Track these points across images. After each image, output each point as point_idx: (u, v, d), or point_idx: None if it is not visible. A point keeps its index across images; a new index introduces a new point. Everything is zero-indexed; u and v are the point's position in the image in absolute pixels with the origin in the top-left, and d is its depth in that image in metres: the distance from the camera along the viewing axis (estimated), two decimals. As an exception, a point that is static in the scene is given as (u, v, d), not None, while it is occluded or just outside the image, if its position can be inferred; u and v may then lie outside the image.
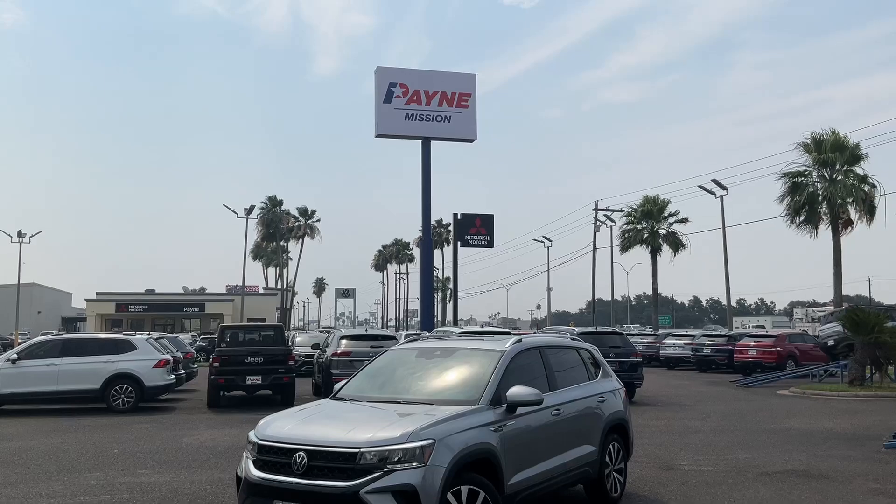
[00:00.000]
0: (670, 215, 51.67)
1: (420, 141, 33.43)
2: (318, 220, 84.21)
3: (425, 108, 32.98)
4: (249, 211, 63.31)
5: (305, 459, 5.85)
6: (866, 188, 36.10)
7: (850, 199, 35.83)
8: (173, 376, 19.10)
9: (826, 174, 36.69)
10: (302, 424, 6.41)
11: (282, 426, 6.39)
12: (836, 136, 36.07)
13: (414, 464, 5.69)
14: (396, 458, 5.69)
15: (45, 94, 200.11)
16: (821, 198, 36.53)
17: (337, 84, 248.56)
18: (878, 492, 8.74)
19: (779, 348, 28.96)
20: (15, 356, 17.67)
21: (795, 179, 37.21)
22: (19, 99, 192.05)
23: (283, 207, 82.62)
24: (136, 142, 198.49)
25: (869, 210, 35.94)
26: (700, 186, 46.89)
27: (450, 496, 5.81)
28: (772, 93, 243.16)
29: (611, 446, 8.27)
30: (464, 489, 5.93)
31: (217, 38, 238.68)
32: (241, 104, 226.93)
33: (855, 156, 36.02)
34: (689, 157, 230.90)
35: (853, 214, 36.37)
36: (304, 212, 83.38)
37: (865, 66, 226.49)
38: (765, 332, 36.06)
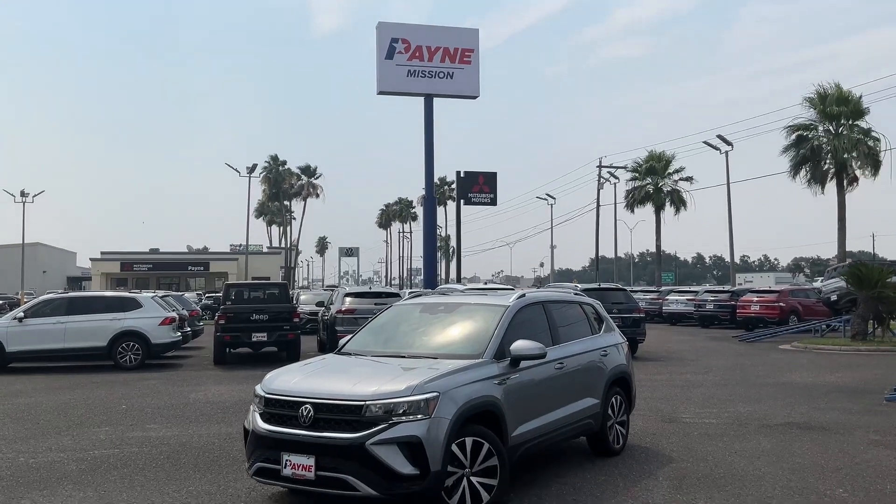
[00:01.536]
0: (675, 171, 51.45)
1: (422, 98, 33.14)
2: (321, 177, 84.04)
3: (427, 64, 32.62)
4: (252, 170, 63.20)
5: (312, 412, 5.91)
6: (871, 142, 35.90)
7: (854, 154, 35.65)
8: (179, 334, 19.24)
9: (831, 128, 36.45)
10: (308, 378, 6.47)
11: (288, 380, 6.46)
12: (840, 90, 35.77)
13: (419, 416, 5.75)
14: (401, 411, 5.74)
15: (45, 55, 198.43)
16: (825, 152, 36.34)
17: (338, 41, 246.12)
18: (879, 443, 8.83)
19: (781, 304, 29.03)
20: (21, 314, 17.79)
21: (800, 133, 36.98)
22: (21, 58, 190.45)
23: (285, 166, 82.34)
24: (137, 101, 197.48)
25: (874, 164, 35.77)
26: (705, 142, 46.71)
27: (454, 447, 5.88)
28: (778, 47, 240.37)
29: (613, 399, 8.34)
30: (468, 441, 6.00)
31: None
32: (242, 62, 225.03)
33: (859, 110, 35.78)
34: (694, 114, 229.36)
35: (858, 169, 36.22)
36: (307, 170, 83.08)
37: (871, 19, 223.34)
38: (767, 288, 36.10)
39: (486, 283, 45.00)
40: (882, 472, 7.42)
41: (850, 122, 36.00)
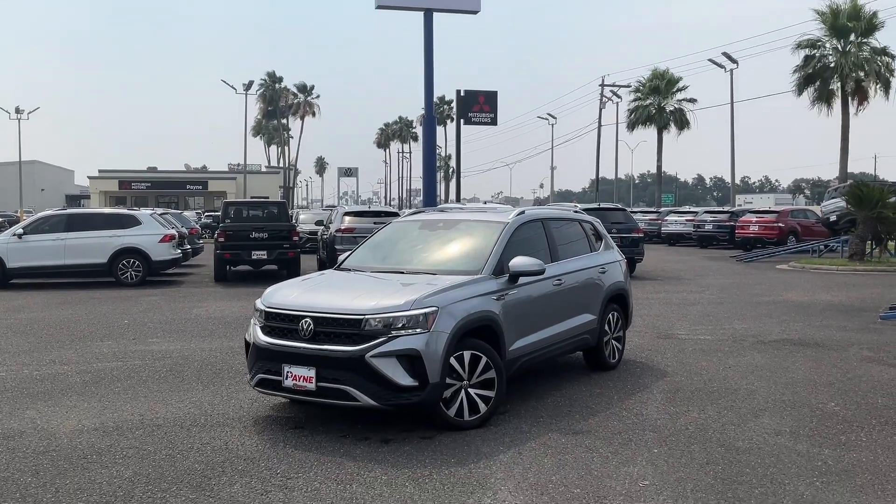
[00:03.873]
0: (678, 90, 50.70)
1: (422, 13, 32.31)
2: (318, 97, 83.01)
3: (427, -25, 31.63)
4: (248, 87, 62.48)
5: (312, 325, 5.97)
6: (880, 59, 35.19)
7: (863, 73, 35.00)
8: (179, 251, 19.28)
9: (840, 46, 35.68)
10: (307, 293, 6.51)
11: (288, 294, 6.50)
12: (855, 2, 34.79)
13: (418, 330, 5.81)
14: (400, 325, 5.80)
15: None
16: (833, 70, 35.68)
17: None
18: (871, 359, 8.95)
19: (780, 224, 29.03)
20: (21, 231, 17.78)
21: (807, 51, 36.23)
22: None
23: (282, 84, 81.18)
24: (134, 18, 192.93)
25: (884, 83, 35.15)
26: (710, 60, 45.84)
27: (453, 360, 5.97)
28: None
29: (610, 315, 8.42)
30: (466, 354, 6.09)
31: None
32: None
33: (871, 25, 34.91)
34: (697, 32, 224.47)
35: (868, 88, 35.60)
36: (304, 88, 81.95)
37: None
38: (767, 209, 36.04)
39: (485, 203, 44.94)
40: (874, 387, 7.55)
41: (860, 40, 35.20)
